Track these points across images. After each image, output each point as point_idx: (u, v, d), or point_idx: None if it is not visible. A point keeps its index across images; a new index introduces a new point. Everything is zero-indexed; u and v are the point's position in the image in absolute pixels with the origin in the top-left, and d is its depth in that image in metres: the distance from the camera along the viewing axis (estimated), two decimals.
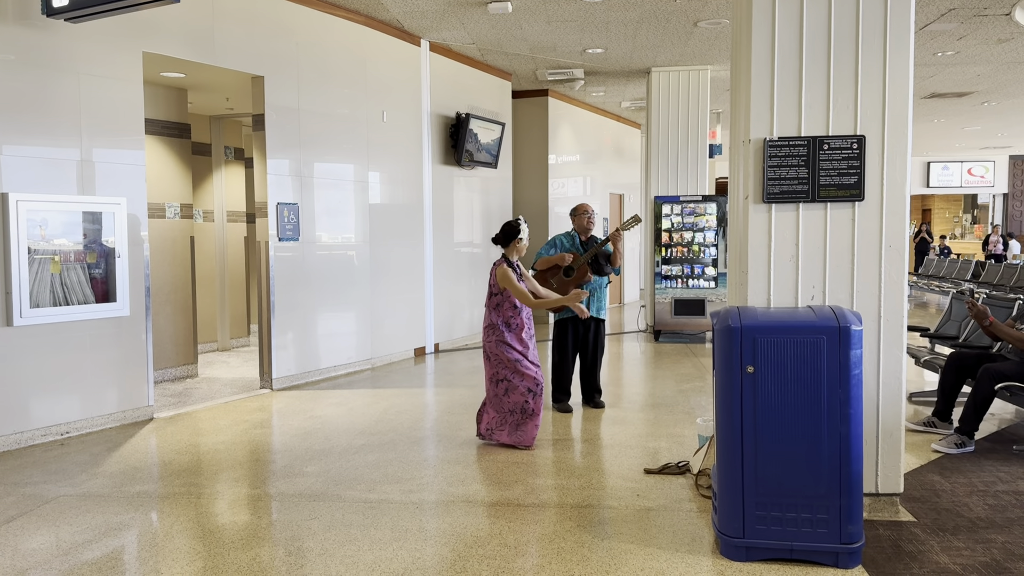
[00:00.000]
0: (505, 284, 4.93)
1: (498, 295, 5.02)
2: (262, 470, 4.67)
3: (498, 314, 5.00)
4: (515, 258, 5.11)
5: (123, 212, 5.70)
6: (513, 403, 4.97)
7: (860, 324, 3.21)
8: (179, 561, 3.36)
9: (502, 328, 4.98)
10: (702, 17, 8.12)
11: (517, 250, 5.09)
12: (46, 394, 5.33)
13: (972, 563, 3.28)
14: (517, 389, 4.96)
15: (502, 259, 5.07)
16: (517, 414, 4.98)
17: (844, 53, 3.64)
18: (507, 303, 4.99)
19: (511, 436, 5.01)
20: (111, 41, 5.66)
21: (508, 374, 4.98)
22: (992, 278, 13.62)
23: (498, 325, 4.99)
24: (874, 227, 3.67)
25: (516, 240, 5.07)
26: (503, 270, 4.95)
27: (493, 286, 5.04)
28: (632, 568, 3.25)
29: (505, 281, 4.93)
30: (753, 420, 3.23)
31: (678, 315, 9.96)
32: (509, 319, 4.99)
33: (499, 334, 4.97)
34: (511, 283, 4.92)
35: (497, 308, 5.01)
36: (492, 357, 5.01)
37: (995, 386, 4.87)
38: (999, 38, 8.92)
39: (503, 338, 4.96)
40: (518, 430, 4.99)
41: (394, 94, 8.52)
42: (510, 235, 5.07)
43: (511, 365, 4.96)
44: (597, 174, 13.78)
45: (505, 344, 4.96)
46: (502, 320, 4.99)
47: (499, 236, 5.12)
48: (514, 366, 4.96)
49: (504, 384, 4.99)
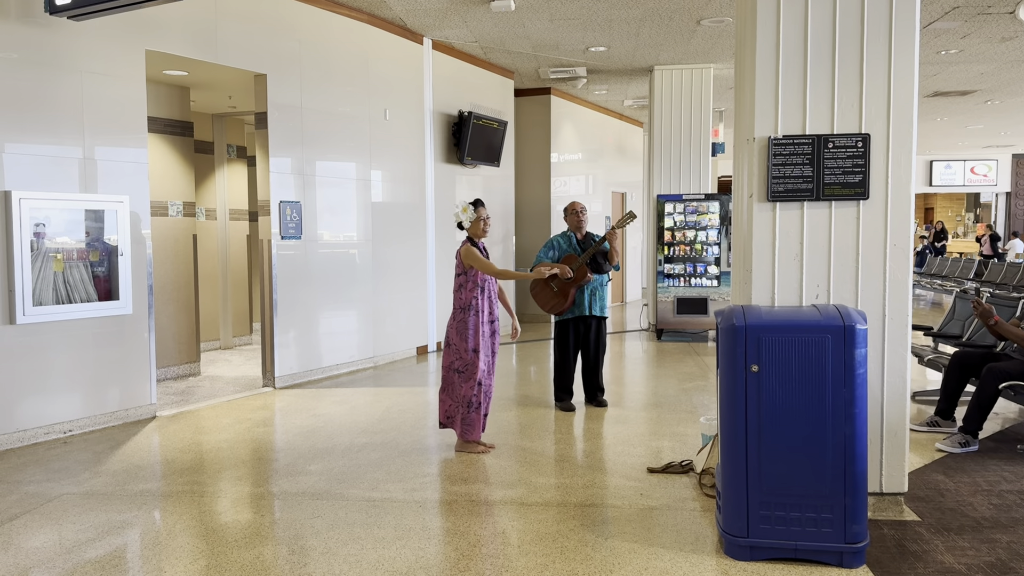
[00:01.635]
0: (470, 261, 4.90)
1: (462, 275, 4.98)
2: (265, 468, 4.67)
3: (461, 296, 4.96)
4: (481, 240, 5.07)
5: (126, 210, 5.70)
6: (463, 395, 4.94)
7: (865, 323, 3.20)
8: (182, 560, 3.36)
9: (463, 312, 4.93)
10: (705, 15, 8.10)
11: (476, 233, 5.02)
12: (49, 392, 5.33)
13: (977, 563, 3.27)
14: (468, 382, 4.92)
15: (467, 239, 5.03)
16: (464, 407, 4.94)
17: (849, 51, 3.63)
18: (470, 283, 4.94)
19: (461, 428, 4.96)
20: (114, 39, 5.66)
21: (462, 365, 4.93)
22: (995, 277, 13.60)
23: (461, 309, 4.95)
24: (879, 226, 3.66)
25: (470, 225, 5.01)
26: (467, 248, 4.92)
27: (458, 266, 5.01)
28: (635, 567, 3.24)
29: (469, 258, 4.90)
30: (757, 419, 3.22)
31: (681, 314, 9.94)
32: (471, 301, 4.92)
33: (461, 319, 4.93)
34: (475, 258, 4.89)
35: (460, 290, 4.98)
36: (452, 344, 4.96)
37: (999, 385, 4.86)
38: (1003, 36, 8.89)
39: (466, 323, 4.91)
40: (463, 423, 4.95)
41: (396, 92, 8.51)
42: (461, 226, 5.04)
43: (466, 355, 4.90)
44: (599, 172, 13.77)
45: (467, 330, 4.90)
46: (464, 303, 4.94)
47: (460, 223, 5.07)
48: (470, 356, 4.89)
49: (462, 375, 4.94)
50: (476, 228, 5.02)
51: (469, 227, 5.02)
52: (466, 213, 4.99)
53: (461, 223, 5.02)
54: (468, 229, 5.03)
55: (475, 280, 4.95)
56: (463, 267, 4.97)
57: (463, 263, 4.95)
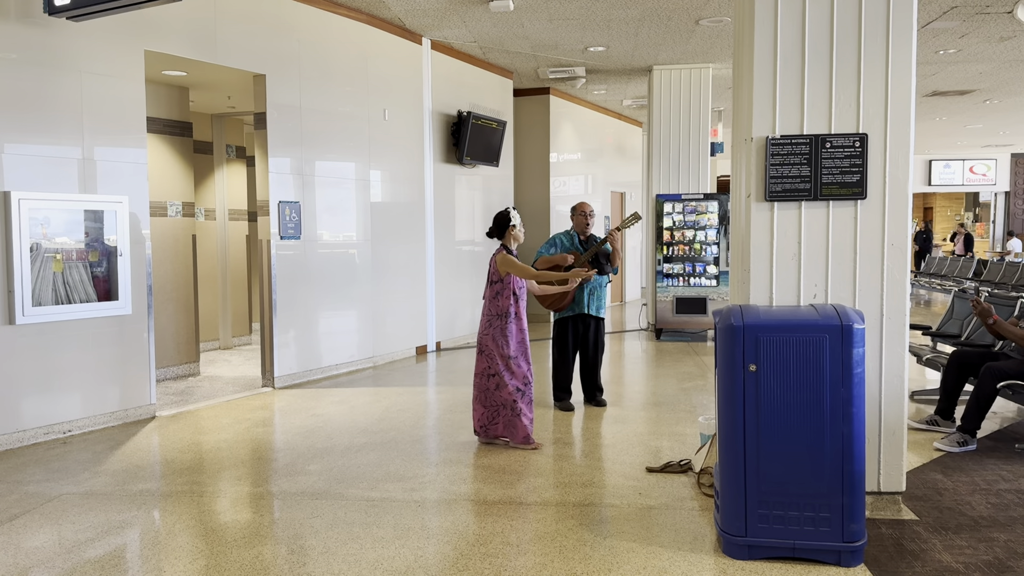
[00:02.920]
0: (507, 267, 4.93)
1: (497, 283, 5.00)
2: (264, 468, 4.67)
3: (496, 304, 4.98)
4: (514, 246, 5.12)
5: (125, 210, 5.71)
6: (503, 399, 4.97)
7: (862, 322, 3.21)
8: (181, 559, 3.36)
9: (500, 319, 4.96)
10: (704, 15, 8.11)
11: (514, 238, 5.09)
12: (48, 392, 5.33)
13: (975, 561, 3.28)
14: (507, 387, 4.95)
15: (501, 247, 5.08)
16: (507, 411, 4.97)
17: (846, 51, 3.63)
18: (506, 291, 4.97)
19: (507, 431, 5.02)
20: (113, 39, 5.66)
21: (500, 369, 4.97)
22: (994, 276, 13.61)
23: (497, 316, 4.98)
24: (876, 225, 3.66)
25: (510, 228, 5.08)
26: (503, 255, 4.97)
27: (493, 274, 5.03)
28: (634, 567, 3.25)
29: (506, 264, 4.93)
30: (755, 418, 3.22)
31: (680, 313, 9.95)
32: (508, 308, 4.97)
33: (498, 326, 4.96)
34: (512, 264, 4.93)
35: (496, 297, 5.00)
36: (486, 351, 5.01)
37: (997, 384, 4.86)
38: (1001, 36, 8.90)
39: (503, 331, 4.95)
40: (509, 427, 5.00)
41: (396, 92, 8.52)
42: (503, 224, 5.10)
43: (504, 361, 4.96)
44: (598, 172, 13.77)
45: (504, 338, 4.95)
46: (501, 311, 4.97)
47: (493, 228, 5.15)
48: (507, 362, 4.96)
49: (495, 379, 4.99)
50: (511, 236, 5.09)
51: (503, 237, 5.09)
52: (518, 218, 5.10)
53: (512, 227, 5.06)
54: (508, 236, 5.08)
55: (511, 288, 4.98)
56: (499, 275, 4.99)
57: (499, 271, 4.98)
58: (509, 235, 5.08)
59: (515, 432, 4.99)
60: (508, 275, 4.97)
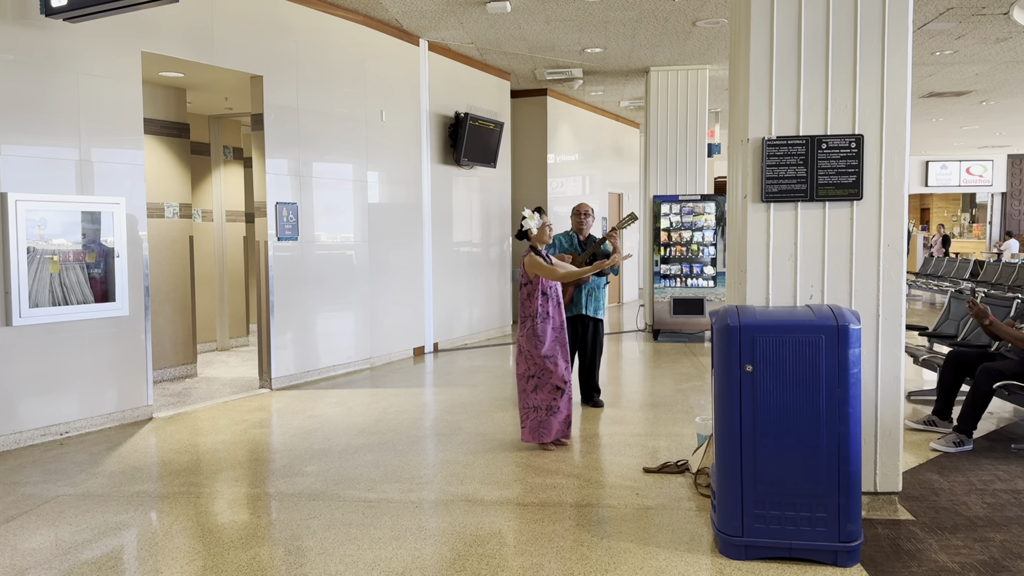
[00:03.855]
0: (534, 269, 4.93)
1: (528, 285, 4.99)
2: (261, 470, 4.67)
3: (529, 305, 4.97)
4: (543, 247, 5.09)
5: (122, 212, 5.70)
6: (540, 400, 4.96)
7: (858, 323, 3.22)
8: (179, 560, 3.36)
9: (532, 320, 4.94)
10: (700, 16, 8.12)
11: (541, 240, 5.05)
12: (45, 394, 5.33)
13: (971, 561, 3.29)
14: (546, 386, 4.95)
15: (529, 249, 5.06)
16: (542, 411, 4.95)
17: (842, 52, 3.65)
18: (537, 292, 4.95)
19: (532, 434, 4.97)
20: (110, 41, 5.66)
21: (538, 371, 4.95)
22: (991, 277, 13.64)
23: (529, 317, 4.97)
24: (872, 226, 3.67)
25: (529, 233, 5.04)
26: (531, 257, 4.96)
27: (523, 276, 5.03)
28: (631, 567, 3.25)
29: (533, 267, 4.93)
30: (752, 419, 3.23)
31: (677, 314, 9.96)
32: (539, 309, 4.94)
33: (530, 327, 4.95)
34: (539, 266, 4.91)
35: (528, 299, 4.99)
36: (524, 352, 5.00)
37: (993, 385, 4.88)
38: (997, 37, 8.92)
39: (535, 331, 4.93)
40: (540, 427, 4.96)
41: (393, 94, 8.52)
42: (523, 234, 5.10)
43: (541, 361, 4.93)
44: (596, 173, 13.78)
45: (537, 338, 4.92)
46: (532, 312, 4.95)
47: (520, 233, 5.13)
48: (543, 363, 4.93)
49: (534, 380, 4.98)
50: (542, 235, 5.04)
51: (536, 234, 5.03)
52: (534, 220, 5.00)
53: (528, 231, 5.01)
54: (535, 236, 5.03)
55: (541, 288, 4.95)
56: (528, 276, 4.97)
57: (527, 272, 4.97)
58: (538, 237, 5.05)
59: (543, 432, 4.96)
60: (536, 276, 4.96)
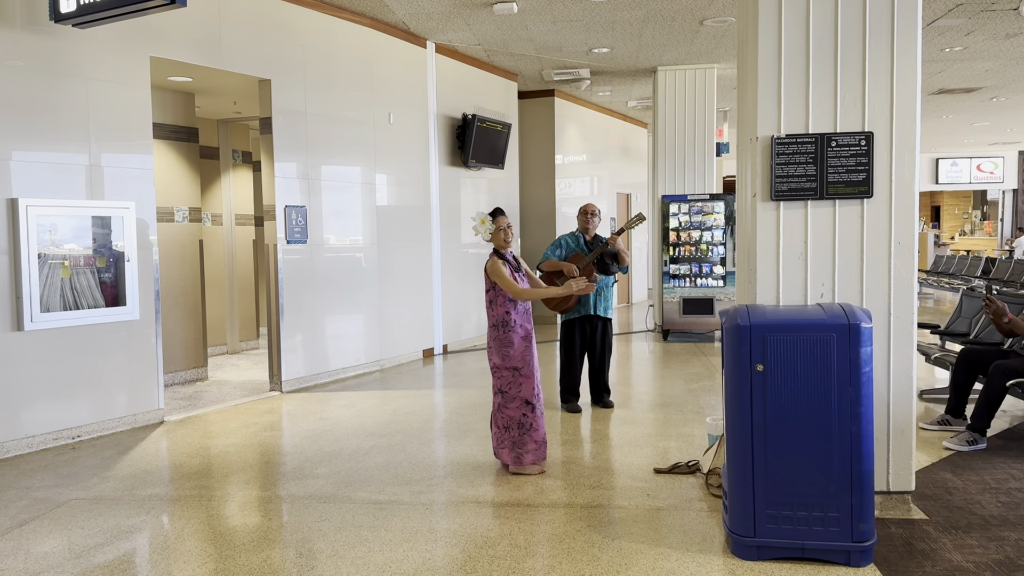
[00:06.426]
0: (495, 277, 4.52)
1: (491, 291, 4.60)
2: (272, 472, 4.68)
3: (493, 312, 4.59)
4: (507, 250, 4.66)
5: (132, 216, 5.73)
6: (509, 417, 4.55)
7: (870, 321, 3.20)
8: (190, 563, 3.37)
9: (498, 329, 4.57)
10: (708, 15, 8.10)
11: (501, 242, 4.61)
12: (57, 398, 5.35)
13: (985, 561, 3.26)
14: (514, 400, 4.54)
15: (492, 252, 4.66)
16: (514, 430, 4.54)
17: (851, 49, 3.63)
18: (500, 298, 4.57)
19: (511, 455, 4.55)
20: (119, 46, 5.69)
21: (505, 384, 4.56)
22: (1002, 274, 13.56)
23: (494, 326, 4.59)
24: (883, 224, 3.65)
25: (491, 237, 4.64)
26: (492, 262, 4.55)
27: (486, 282, 4.66)
28: (643, 568, 3.24)
29: (495, 274, 4.52)
30: (763, 419, 3.21)
31: (686, 314, 9.93)
32: (504, 317, 4.55)
33: (498, 334, 4.57)
34: (500, 275, 4.50)
35: (491, 305, 4.60)
36: (491, 364, 4.66)
37: (1007, 382, 4.84)
38: (1007, 33, 8.86)
39: (501, 341, 4.55)
40: (515, 448, 4.54)
41: (400, 96, 8.53)
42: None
43: (509, 373, 4.55)
44: (604, 174, 13.77)
45: (504, 347, 4.55)
46: (499, 319, 4.57)
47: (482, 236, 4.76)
48: (512, 373, 4.54)
49: (501, 396, 4.59)
50: (498, 239, 4.61)
51: (490, 239, 4.65)
52: (484, 225, 4.58)
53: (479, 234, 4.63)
54: (491, 241, 4.66)
55: (505, 294, 4.57)
56: (490, 282, 4.60)
57: (490, 279, 4.59)
58: (495, 238, 4.62)
59: (520, 455, 4.54)
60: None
